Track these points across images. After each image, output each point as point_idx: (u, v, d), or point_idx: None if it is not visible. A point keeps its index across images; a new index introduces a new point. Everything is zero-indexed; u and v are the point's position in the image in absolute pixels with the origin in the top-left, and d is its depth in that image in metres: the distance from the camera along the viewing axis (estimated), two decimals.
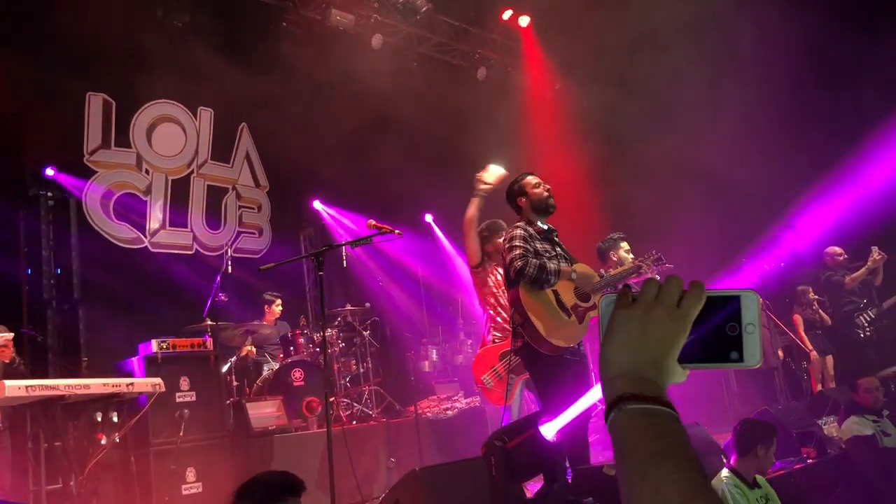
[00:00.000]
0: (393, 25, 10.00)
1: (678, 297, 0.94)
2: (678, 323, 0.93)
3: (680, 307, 0.94)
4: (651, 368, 0.92)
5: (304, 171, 9.30)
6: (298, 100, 8.77)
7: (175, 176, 8.89)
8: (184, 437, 5.82)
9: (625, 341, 0.93)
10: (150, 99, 8.71)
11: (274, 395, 6.89)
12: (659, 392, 0.90)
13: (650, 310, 0.94)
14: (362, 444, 6.81)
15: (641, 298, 0.95)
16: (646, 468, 0.84)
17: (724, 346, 0.95)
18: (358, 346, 8.24)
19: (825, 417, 6.66)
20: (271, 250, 9.55)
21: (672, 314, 0.93)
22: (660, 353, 0.92)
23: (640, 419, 0.88)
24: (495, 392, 5.35)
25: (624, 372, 0.92)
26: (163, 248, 8.62)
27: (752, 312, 0.95)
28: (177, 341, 6.14)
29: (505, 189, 5.11)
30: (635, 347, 0.93)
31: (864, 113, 9.21)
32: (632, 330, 0.94)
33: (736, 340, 0.95)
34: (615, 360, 0.93)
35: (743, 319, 0.95)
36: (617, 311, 0.97)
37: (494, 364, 5.34)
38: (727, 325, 0.95)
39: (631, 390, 0.89)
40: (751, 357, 0.95)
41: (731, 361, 0.95)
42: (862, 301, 8.71)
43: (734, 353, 0.95)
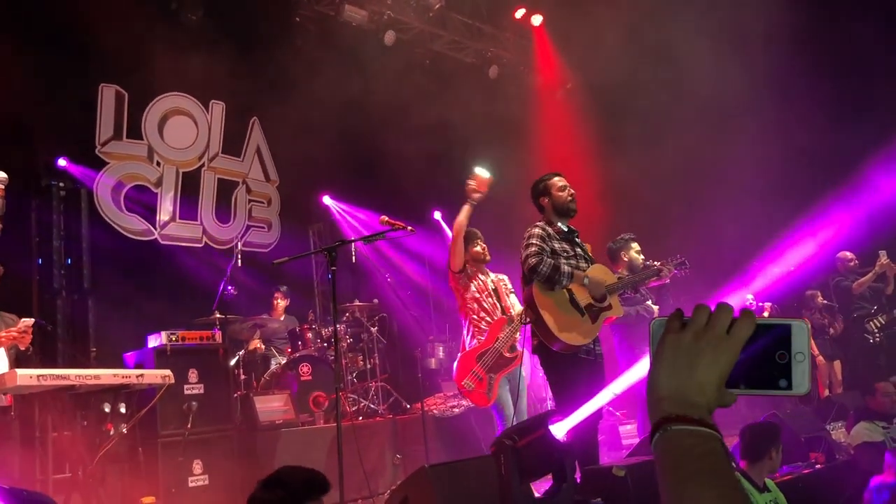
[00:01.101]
0: (406, 22, 10.00)
1: (728, 323, 0.96)
2: (727, 350, 0.95)
3: (730, 334, 0.95)
4: (697, 392, 0.94)
5: (315, 166, 9.30)
6: (310, 95, 8.76)
7: (186, 169, 8.91)
8: (191, 429, 5.83)
9: (673, 365, 0.96)
10: (163, 91, 8.73)
11: (282, 390, 6.90)
12: (703, 415, 0.93)
13: (700, 336, 0.96)
14: (368, 439, 6.81)
15: (692, 323, 0.97)
16: (687, 486, 0.87)
17: (774, 374, 0.97)
18: (365, 341, 8.24)
19: (833, 423, 6.64)
20: (280, 245, 9.56)
21: (721, 341, 0.95)
22: (707, 379, 0.94)
23: (684, 440, 0.91)
24: (476, 393, 5.39)
25: (671, 394, 0.95)
26: (172, 241, 8.65)
27: (802, 341, 0.96)
28: (186, 333, 6.15)
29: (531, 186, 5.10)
30: (683, 372, 0.95)
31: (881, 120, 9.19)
32: (681, 355, 0.96)
33: (785, 368, 0.96)
34: (663, 383, 0.96)
35: (793, 348, 0.97)
36: (667, 334, 0.99)
37: (473, 367, 5.37)
38: (777, 353, 0.97)
39: (677, 412, 0.93)
40: (799, 386, 0.96)
41: (780, 389, 0.97)
42: (872, 307, 8.68)
43: (783, 380, 0.96)
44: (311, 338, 7.77)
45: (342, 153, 9.13)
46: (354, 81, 8.79)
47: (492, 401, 5.39)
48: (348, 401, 7.58)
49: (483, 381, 5.32)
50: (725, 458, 0.90)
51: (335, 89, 8.68)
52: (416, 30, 10.20)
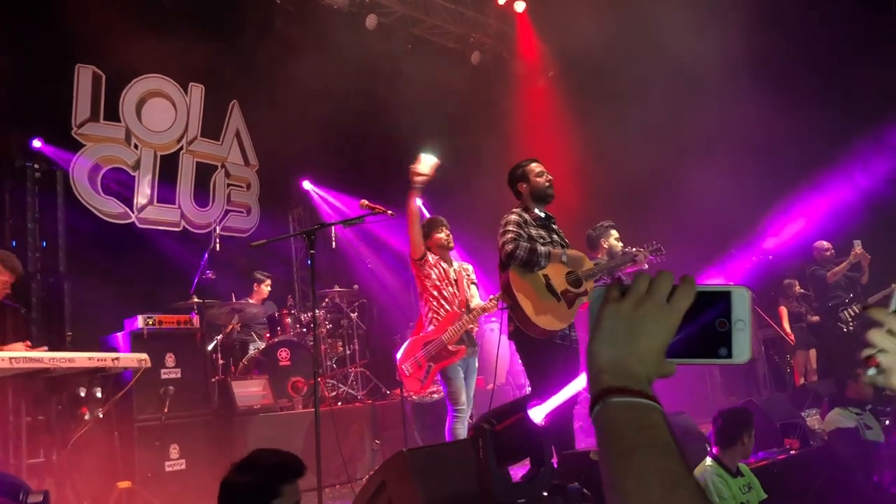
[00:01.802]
0: (387, 6, 9.94)
1: (668, 291, 0.93)
2: (667, 318, 0.92)
3: (670, 302, 0.93)
4: (637, 363, 0.91)
5: (295, 150, 9.24)
6: (290, 79, 8.69)
7: (164, 152, 8.81)
8: (168, 413, 5.79)
9: (612, 335, 0.93)
10: (141, 73, 8.62)
11: (260, 374, 6.87)
12: (643, 386, 0.90)
13: (640, 304, 0.93)
14: (347, 425, 6.81)
15: (631, 292, 0.95)
16: (629, 459, 0.85)
17: (714, 342, 0.94)
18: (345, 327, 8.23)
19: (808, 410, 6.72)
20: (259, 229, 9.49)
21: (661, 309, 0.92)
22: (647, 348, 0.92)
23: (624, 411, 0.88)
24: (412, 378, 5.43)
25: (610, 365, 0.92)
26: (150, 224, 8.56)
27: (743, 309, 0.94)
28: (163, 317, 6.10)
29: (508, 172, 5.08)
30: (623, 341, 0.92)
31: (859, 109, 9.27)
32: (620, 324, 0.93)
33: (725, 336, 0.94)
34: (602, 354, 0.93)
35: (733, 315, 0.94)
36: (606, 303, 0.96)
37: (416, 353, 5.42)
38: (717, 321, 0.94)
39: (616, 383, 0.90)
40: (739, 354, 0.94)
41: (720, 357, 0.94)
42: (847, 296, 8.77)
43: (723, 349, 0.94)
44: (291, 323, 7.75)
45: (322, 138, 9.07)
46: (335, 65, 8.71)
47: (425, 388, 5.43)
48: (327, 386, 7.57)
49: (422, 367, 5.38)
50: (667, 429, 0.87)
51: (316, 73, 8.61)
52: (398, 14, 10.13)
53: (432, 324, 5.49)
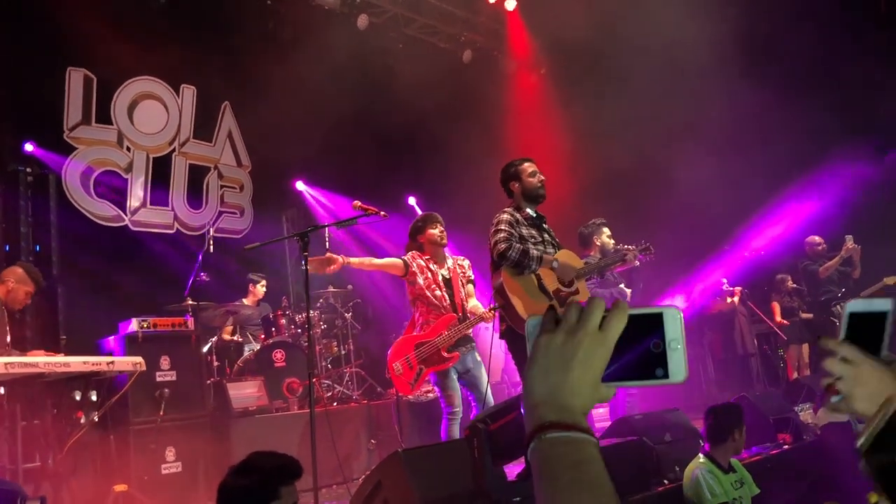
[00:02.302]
0: (379, 6, 9.94)
1: (600, 318, 0.94)
2: (600, 345, 0.93)
3: (602, 329, 0.93)
4: (572, 395, 0.92)
5: (287, 151, 9.24)
6: (282, 79, 8.69)
7: (156, 154, 8.80)
8: (164, 416, 5.80)
9: (546, 368, 0.93)
10: (132, 75, 8.60)
11: (255, 376, 6.88)
12: (578, 419, 0.90)
13: (572, 334, 0.94)
14: (343, 425, 6.83)
15: (564, 322, 0.95)
16: (562, 495, 0.86)
17: (650, 364, 0.95)
18: (340, 327, 8.24)
19: (801, 404, 6.76)
20: (253, 230, 9.49)
21: (594, 337, 0.93)
22: (580, 378, 0.92)
23: (558, 447, 0.89)
24: (402, 379, 5.38)
25: (544, 399, 0.92)
26: (143, 227, 8.55)
27: (675, 329, 0.95)
28: (157, 320, 6.11)
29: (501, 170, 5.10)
30: (556, 374, 0.92)
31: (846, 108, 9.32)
32: (553, 356, 0.93)
33: (661, 357, 0.94)
34: (537, 388, 0.93)
35: (667, 336, 0.94)
36: (540, 335, 0.96)
37: (408, 353, 5.36)
38: (651, 343, 0.95)
39: (550, 418, 0.90)
40: (676, 373, 0.94)
41: (657, 378, 0.95)
42: (840, 290, 8.82)
43: (659, 369, 0.94)
44: (285, 324, 7.76)
45: (315, 138, 9.07)
46: (327, 65, 8.72)
47: (414, 391, 5.41)
48: (322, 387, 7.58)
49: (413, 369, 5.32)
50: (601, 464, 0.88)
51: (308, 73, 8.61)
52: (390, 13, 10.14)
53: (421, 328, 5.47)
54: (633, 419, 4.95)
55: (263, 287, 8.34)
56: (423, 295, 5.44)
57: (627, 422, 4.95)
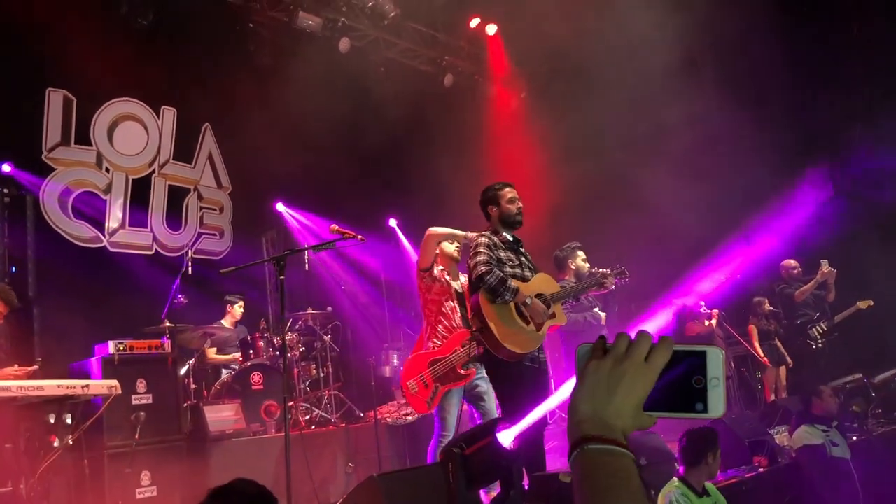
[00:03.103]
0: (361, 30, 10.01)
1: (647, 351, 1.02)
2: (644, 376, 1.01)
3: (647, 362, 1.02)
4: (614, 416, 1.00)
5: (268, 172, 9.25)
6: (263, 101, 8.72)
7: (136, 175, 8.77)
8: (139, 439, 5.75)
9: (593, 391, 1.02)
10: (113, 96, 8.59)
11: (232, 399, 6.84)
12: (618, 436, 0.99)
13: (619, 363, 1.02)
14: (321, 448, 6.80)
15: (613, 351, 1.04)
16: (601, 498, 0.95)
17: (690, 397, 1.01)
18: (318, 350, 8.22)
19: (777, 427, 6.81)
20: (232, 252, 9.46)
21: (639, 368, 1.02)
22: (623, 404, 1.01)
23: (599, 457, 0.98)
24: (418, 398, 5.35)
25: (589, 417, 1.01)
26: (122, 248, 8.51)
27: (717, 367, 1.01)
28: (134, 343, 6.07)
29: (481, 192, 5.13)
30: (601, 397, 1.01)
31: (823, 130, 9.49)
32: (601, 381, 1.02)
33: (701, 392, 1.01)
34: (582, 407, 1.02)
35: (708, 373, 1.01)
36: (590, 360, 1.05)
37: (422, 371, 5.33)
38: (693, 378, 1.01)
39: (593, 432, 0.99)
40: (715, 409, 1.01)
41: (696, 412, 1.01)
42: (815, 314, 8.91)
43: (699, 404, 1.01)
44: (263, 346, 7.73)
45: (296, 160, 9.09)
46: (308, 88, 8.76)
47: (432, 409, 5.36)
48: (300, 410, 7.54)
49: (428, 387, 5.28)
50: (636, 475, 0.97)
51: (289, 95, 8.65)
52: (371, 37, 10.20)
53: (430, 339, 5.43)
54: None
55: (241, 308, 8.31)
56: (437, 302, 5.44)
57: None
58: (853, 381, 8.11)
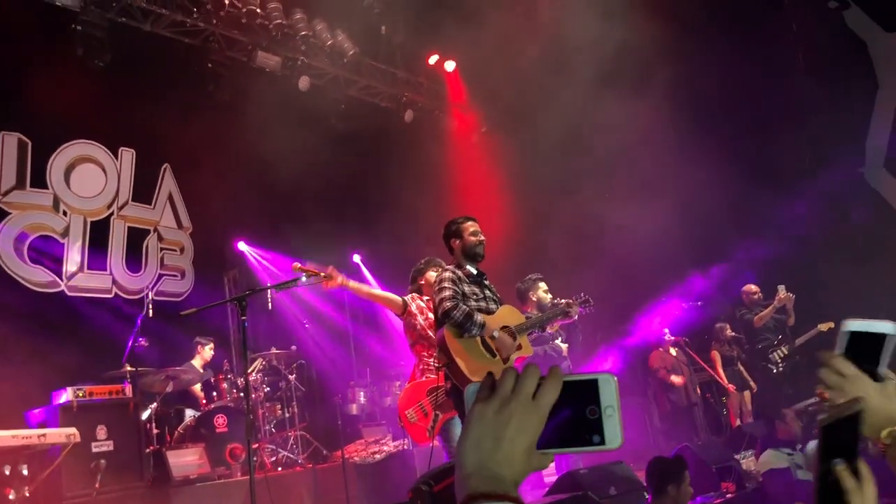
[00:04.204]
0: (320, 68, 10.06)
1: (534, 387, 0.95)
2: (533, 414, 0.94)
3: (536, 398, 0.95)
4: (503, 466, 0.93)
5: (229, 211, 9.19)
6: (223, 140, 8.70)
7: (94, 218, 8.65)
8: (100, 488, 5.61)
9: (478, 439, 0.94)
10: (69, 139, 8.50)
11: (196, 443, 6.71)
12: (509, 489, 0.91)
13: (506, 404, 0.95)
14: (288, 490, 6.68)
15: (498, 391, 0.96)
16: None
17: (586, 430, 0.95)
18: (283, 390, 8.11)
19: (743, 452, 6.87)
20: (194, 293, 9.34)
21: (527, 406, 0.94)
22: (513, 448, 0.93)
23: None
24: (417, 427, 5.28)
25: (476, 470, 0.93)
26: (80, 292, 8.35)
27: (610, 395, 0.95)
28: (94, 388, 5.95)
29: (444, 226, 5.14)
30: (488, 445, 0.94)
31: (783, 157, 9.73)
32: (486, 427, 0.95)
33: (596, 423, 0.95)
34: (469, 459, 0.94)
35: (602, 402, 0.95)
36: (475, 404, 0.97)
37: (421, 399, 5.28)
38: (587, 409, 0.95)
39: (482, 489, 0.90)
40: (612, 439, 0.95)
41: (594, 444, 0.95)
42: (776, 338, 9.05)
43: (596, 436, 0.95)
44: (227, 388, 7.61)
45: (257, 198, 9.05)
46: (268, 126, 8.76)
47: (433, 437, 5.29)
48: (266, 451, 7.42)
49: (429, 416, 5.18)
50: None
51: (249, 134, 8.64)
52: (331, 75, 10.26)
53: (424, 374, 5.36)
54: (579, 473, 4.95)
55: (211, 350, 8.20)
56: (424, 335, 5.37)
57: (573, 476, 4.95)
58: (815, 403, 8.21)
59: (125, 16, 8.45)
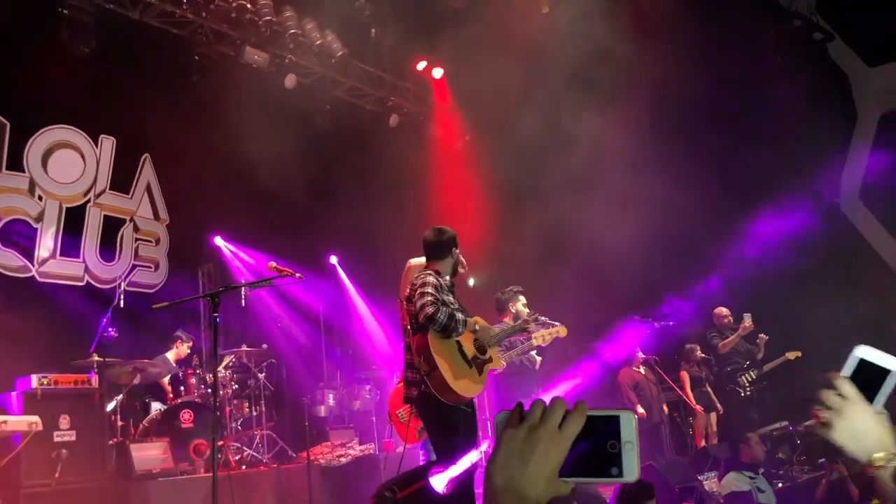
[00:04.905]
0: (307, 67, 10.03)
1: (561, 418, 1.03)
2: (558, 444, 1.02)
3: (561, 429, 1.03)
4: (528, 486, 1.01)
5: (208, 206, 9.10)
6: (205, 133, 8.63)
7: (70, 204, 8.55)
8: (60, 478, 5.53)
9: (507, 460, 1.03)
10: (49, 123, 8.39)
11: (160, 437, 6.65)
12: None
13: (533, 431, 1.03)
14: (251, 489, 6.64)
15: (527, 419, 1.05)
16: None
17: (606, 462, 1.02)
18: (252, 388, 8.06)
19: (707, 473, 6.94)
20: (167, 285, 9.25)
21: (553, 436, 1.02)
22: (537, 472, 1.01)
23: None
24: (408, 426, 5.27)
25: (504, 487, 1.02)
26: (52, 279, 8.24)
27: (630, 430, 1.03)
28: (59, 377, 5.88)
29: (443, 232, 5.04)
30: (516, 466, 1.02)
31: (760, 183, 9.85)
32: (515, 450, 1.03)
33: (616, 457, 1.02)
34: (498, 477, 1.03)
35: (622, 437, 1.02)
36: (506, 429, 1.06)
37: None
38: (608, 442, 1.03)
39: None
40: (630, 473, 1.02)
41: (612, 476, 1.02)
42: (745, 362, 9.15)
43: (615, 468, 1.02)
44: (195, 383, 7.55)
45: (237, 194, 8.99)
46: (252, 122, 8.71)
47: (422, 438, 5.25)
48: (231, 449, 7.36)
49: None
50: None
51: (232, 129, 8.59)
52: (318, 75, 10.23)
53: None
54: None
55: (188, 349, 8.14)
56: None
57: None
58: (780, 428, 8.33)
59: (113, 3, 8.37)
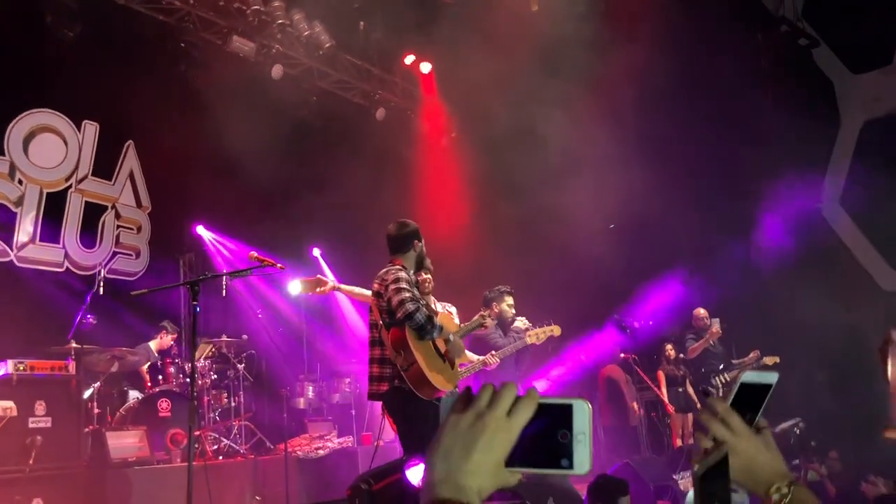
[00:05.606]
0: (294, 58, 9.99)
1: (510, 404, 0.98)
2: (505, 431, 0.96)
3: (510, 415, 0.97)
4: (469, 477, 0.95)
5: (190, 194, 9.06)
6: (190, 122, 8.57)
7: (51, 189, 8.48)
8: (33, 465, 5.50)
9: (449, 448, 0.97)
10: (32, 107, 8.31)
11: (137, 425, 6.62)
12: (472, 499, 0.94)
13: (480, 418, 0.97)
14: (228, 480, 6.63)
15: (474, 405, 0.99)
16: None
17: (556, 453, 0.96)
18: (231, 378, 8.04)
19: (681, 472, 6.99)
20: (148, 273, 9.19)
21: (500, 422, 0.97)
22: (481, 461, 0.95)
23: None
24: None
25: (443, 478, 0.95)
26: (30, 264, 8.17)
27: (583, 421, 0.97)
28: (36, 363, 5.84)
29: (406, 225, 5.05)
30: (457, 455, 0.96)
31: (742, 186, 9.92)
32: (458, 438, 0.97)
33: (567, 448, 0.96)
34: (437, 466, 0.97)
35: (574, 428, 0.96)
36: (451, 414, 1.00)
37: None
38: (559, 433, 0.97)
39: (446, 495, 0.93)
40: (581, 465, 0.96)
41: (562, 468, 0.96)
42: (720, 364, 9.23)
43: (565, 460, 0.96)
44: (174, 372, 7.51)
45: (220, 183, 8.93)
46: (237, 112, 8.66)
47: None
48: (209, 439, 7.34)
49: None
50: None
51: (217, 118, 8.53)
52: (305, 66, 10.19)
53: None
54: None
55: (172, 341, 8.10)
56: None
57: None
58: None
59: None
